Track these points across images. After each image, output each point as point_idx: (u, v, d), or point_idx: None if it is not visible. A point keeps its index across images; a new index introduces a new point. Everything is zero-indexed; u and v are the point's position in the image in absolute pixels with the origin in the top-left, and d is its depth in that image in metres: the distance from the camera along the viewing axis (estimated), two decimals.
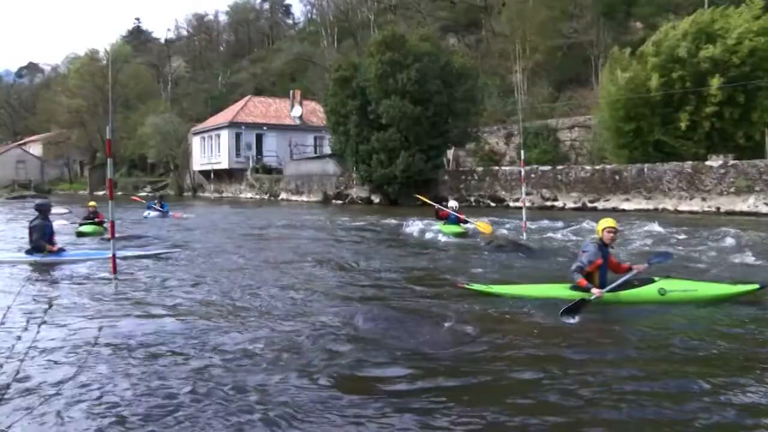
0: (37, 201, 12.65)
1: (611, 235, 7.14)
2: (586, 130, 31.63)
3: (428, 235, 15.11)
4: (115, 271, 8.78)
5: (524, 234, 14.07)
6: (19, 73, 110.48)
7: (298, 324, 6.26)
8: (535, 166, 26.69)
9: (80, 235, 16.08)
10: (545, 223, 17.51)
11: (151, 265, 10.58)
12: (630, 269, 7.22)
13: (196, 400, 4.18)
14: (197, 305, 7.33)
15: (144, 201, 26.20)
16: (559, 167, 26.15)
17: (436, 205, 16.53)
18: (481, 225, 15.11)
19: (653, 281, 7.09)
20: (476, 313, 6.76)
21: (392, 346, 5.51)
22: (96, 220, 17.16)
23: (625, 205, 22.96)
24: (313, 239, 15.28)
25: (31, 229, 11.20)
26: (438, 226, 15.58)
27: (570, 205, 24.65)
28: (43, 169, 76.44)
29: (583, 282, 6.93)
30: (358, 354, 5.25)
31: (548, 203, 25.28)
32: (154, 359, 5.09)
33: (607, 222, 7.24)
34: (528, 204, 15.37)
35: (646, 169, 22.68)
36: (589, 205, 23.99)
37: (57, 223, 19.09)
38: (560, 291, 7.26)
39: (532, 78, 40.13)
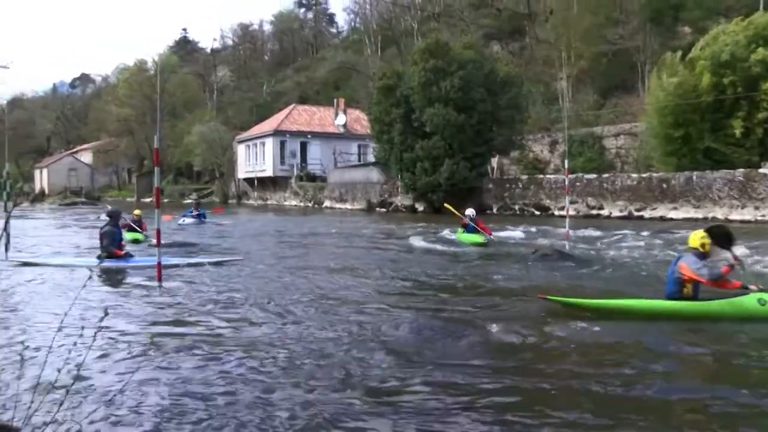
0: (109, 208, 12.94)
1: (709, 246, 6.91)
2: (632, 137, 31.21)
3: (439, 245, 15.12)
4: (160, 278, 8.84)
5: (567, 243, 13.93)
6: (73, 84, 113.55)
7: (341, 333, 6.30)
8: (580, 174, 26.45)
9: (135, 242, 16.02)
10: (591, 232, 17.33)
11: (194, 272, 10.69)
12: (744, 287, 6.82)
13: (237, 407, 4.26)
14: (239, 312, 7.41)
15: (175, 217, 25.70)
16: (605, 175, 25.87)
17: (462, 216, 16.45)
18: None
19: (749, 291, 6.76)
20: (523, 322, 6.72)
21: (437, 355, 5.52)
22: (139, 228, 17.10)
23: (673, 214, 22.59)
24: (356, 247, 15.36)
25: (102, 235, 11.59)
26: (456, 235, 15.71)
27: (616, 213, 24.35)
28: (93, 176, 78.36)
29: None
30: (402, 363, 5.27)
31: (593, 212, 25.01)
32: (198, 368, 5.17)
33: (702, 233, 6.97)
34: (573, 212, 15.28)
35: (695, 177, 22.29)
36: (636, 213, 23.67)
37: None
38: (654, 305, 6.91)
39: (576, 85, 39.74)
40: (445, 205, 18.93)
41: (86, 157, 79.96)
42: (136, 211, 18.42)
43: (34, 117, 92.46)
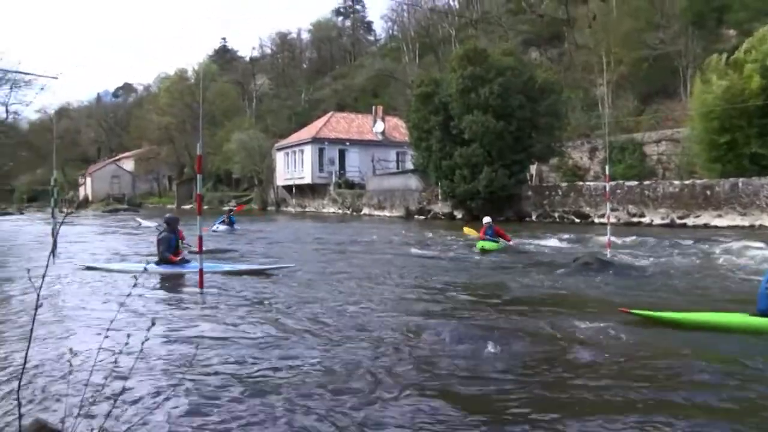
0: (167, 215, 13.14)
1: None
2: (674, 143, 30.78)
3: (477, 255, 15.15)
4: (202, 285, 8.91)
5: (608, 251, 13.72)
6: (115, 94, 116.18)
7: (382, 341, 6.33)
8: (621, 181, 26.14)
9: None
10: (632, 240, 17.12)
11: (237, 279, 10.77)
12: None
13: (277, 415, 4.32)
14: (278, 319, 7.48)
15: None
16: (646, 182, 25.56)
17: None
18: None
19: None
20: (564, 333, 6.64)
21: (478, 363, 5.52)
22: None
23: (717, 222, 22.19)
24: (397, 254, 15.37)
25: (159, 241, 11.85)
26: (477, 246, 15.87)
27: (657, 221, 24.02)
28: (134, 183, 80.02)
29: None
30: (442, 372, 5.27)
31: (634, 219, 24.70)
32: (239, 376, 5.23)
33: None
34: (613, 220, 15.14)
35: (740, 184, 21.88)
36: (678, 221, 23.31)
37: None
38: (751, 321, 6.49)
39: (616, 91, 39.31)
40: (465, 229, 18.86)
41: (128, 165, 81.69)
42: None
43: (79, 126, 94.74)
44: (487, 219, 16.68)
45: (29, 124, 65.39)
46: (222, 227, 23.61)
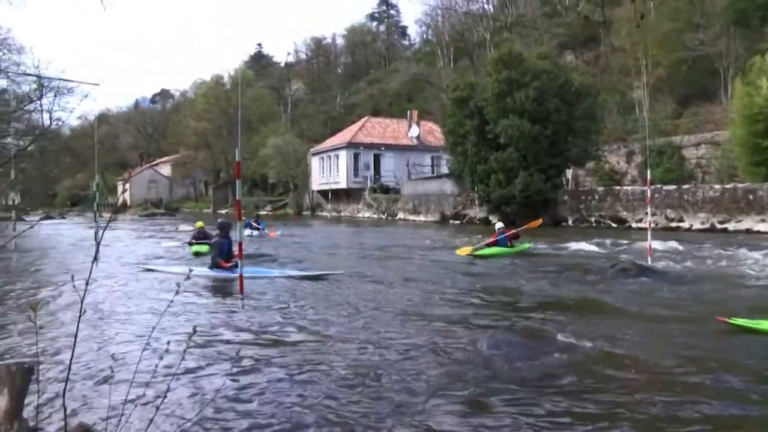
0: (219, 220, 13.31)
1: None
2: (713, 146, 30.22)
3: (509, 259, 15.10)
4: (242, 290, 8.95)
5: (649, 257, 13.37)
6: (153, 100, 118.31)
7: (420, 348, 6.34)
8: (659, 185, 25.74)
9: (197, 254, 16.09)
10: (671, 245, 16.82)
11: (274, 283, 10.93)
12: None
13: (319, 419, 4.40)
14: (318, 324, 7.55)
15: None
16: (685, 186, 25.13)
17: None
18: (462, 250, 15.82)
19: None
20: (606, 340, 6.55)
21: (517, 373, 5.48)
22: (206, 240, 16.71)
23: (761, 227, 21.72)
24: (434, 260, 15.38)
25: (211, 246, 12.15)
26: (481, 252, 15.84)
27: (697, 226, 23.62)
28: (171, 188, 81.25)
29: None
30: (481, 380, 5.27)
31: (673, 224, 24.32)
32: (280, 381, 5.33)
33: None
34: (651, 225, 14.87)
35: None
36: (719, 226, 22.89)
37: (165, 245, 20.22)
38: None
39: (654, 94, 38.74)
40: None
41: (165, 170, 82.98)
42: (198, 224, 18.55)
43: (118, 131, 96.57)
44: (499, 224, 16.84)
45: (71, 130, 66.84)
46: (254, 232, 23.74)
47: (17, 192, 19.12)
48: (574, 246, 17.84)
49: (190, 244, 17.54)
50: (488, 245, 16.15)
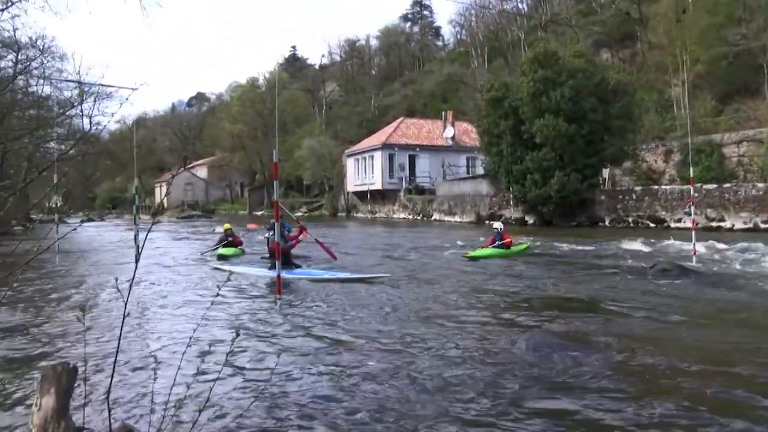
0: (271, 221, 13.51)
1: None
2: (756, 144, 29.56)
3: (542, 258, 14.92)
4: (279, 291, 8.92)
5: (694, 258, 13.11)
6: (189, 103, 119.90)
7: (459, 350, 6.34)
8: (698, 184, 25.28)
9: (222, 257, 15.81)
10: (713, 245, 16.50)
11: (320, 286, 11.00)
12: None
13: (360, 423, 4.40)
14: (356, 327, 7.56)
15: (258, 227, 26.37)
16: (726, 185, 24.69)
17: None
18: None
19: None
20: (651, 343, 6.45)
21: (555, 374, 5.43)
22: (233, 241, 17.01)
23: None
24: (467, 261, 15.36)
25: (272, 247, 12.33)
26: (472, 253, 15.83)
27: (739, 225, 23.17)
28: (207, 190, 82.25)
29: None
30: (522, 382, 5.24)
31: (714, 224, 23.89)
32: (319, 383, 5.33)
33: None
34: (691, 225, 14.61)
35: None
36: (762, 225, 22.43)
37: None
38: None
39: (693, 91, 38.05)
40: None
41: (201, 172, 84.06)
42: (226, 226, 18.10)
43: (155, 135, 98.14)
44: (498, 224, 16.95)
45: (109, 134, 68.28)
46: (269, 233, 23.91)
47: (60, 195, 19.52)
48: (612, 246, 17.67)
49: (217, 248, 16.98)
50: (484, 247, 16.19)
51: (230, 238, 17.20)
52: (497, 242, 16.10)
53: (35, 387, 3.32)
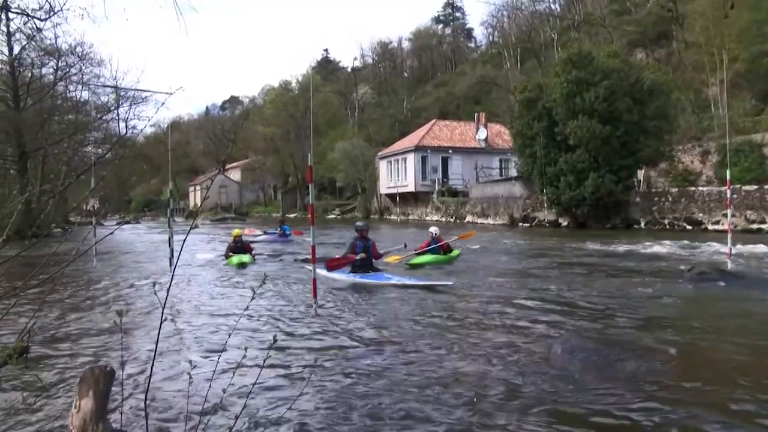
0: (357, 223, 13.19)
1: None
2: None
3: (577, 259, 14.68)
4: (315, 295, 8.91)
5: (729, 261, 12.78)
6: (223, 106, 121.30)
7: (495, 354, 6.29)
8: (737, 185, 24.81)
9: (242, 266, 14.93)
10: (753, 248, 16.15)
11: (346, 289, 11.05)
12: None
13: (402, 425, 4.40)
14: (391, 331, 7.54)
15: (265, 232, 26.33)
16: (767, 186, 24.19)
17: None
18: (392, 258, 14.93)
19: None
20: (678, 345, 6.40)
21: (591, 379, 5.38)
22: (242, 247, 16.14)
23: None
24: (505, 263, 15.30)
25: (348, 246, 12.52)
26: (413, 261, 14.97)
27: None
28: (241, 193, 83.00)
29: None
30: (558, 387, 5.20)
31: (754, 226, 23.42)
32: (355, 386, 5.33)
33: None
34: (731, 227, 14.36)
35: None
36: None
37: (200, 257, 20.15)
38: None
39: (731, 90, 37.26)
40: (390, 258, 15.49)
41: (235, 175, 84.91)
42: (235, 231, 17.18)
43: (189, 138, 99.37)
44: (433, 229, 15.91)
45: (144, 137, 69.38)
46: (267, 236, 24.10)
47: (97, 198, 19.84)
48: (647, 248, 17.47)
49: (227, 256, 15.99)
50: (419, 253, 15.17)
51: (239, 245, 16.26)
52: (432, 245, 15.14)
53: (74, 389, 3.38)
